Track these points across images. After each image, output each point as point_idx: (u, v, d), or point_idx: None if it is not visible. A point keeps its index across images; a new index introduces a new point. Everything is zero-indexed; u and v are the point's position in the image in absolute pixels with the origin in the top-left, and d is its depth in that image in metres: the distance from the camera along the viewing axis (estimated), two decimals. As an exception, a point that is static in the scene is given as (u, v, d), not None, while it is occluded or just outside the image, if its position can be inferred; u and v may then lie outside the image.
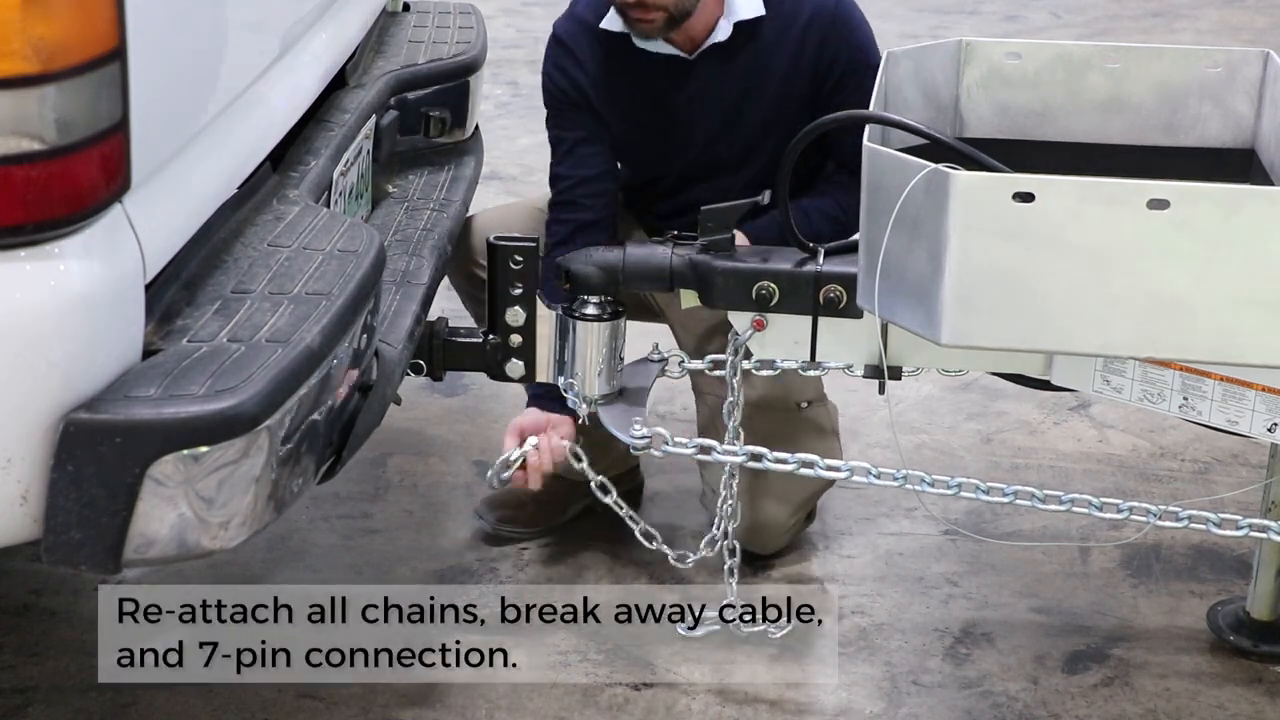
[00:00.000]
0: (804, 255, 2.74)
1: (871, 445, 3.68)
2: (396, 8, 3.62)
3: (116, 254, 1.95)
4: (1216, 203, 2.33)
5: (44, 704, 2.80)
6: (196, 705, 2.81)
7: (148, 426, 1.90)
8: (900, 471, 2.74)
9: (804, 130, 2.67)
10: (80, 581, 3.11)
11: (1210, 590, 3.18)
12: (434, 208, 3.04)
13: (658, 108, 3.12)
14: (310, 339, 2.08)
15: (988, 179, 2.38)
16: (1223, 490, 3.48)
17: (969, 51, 2.93)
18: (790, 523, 3.22)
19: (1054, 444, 3.75)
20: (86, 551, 1.93)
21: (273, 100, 2.54)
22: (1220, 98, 2.88)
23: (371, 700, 2.83)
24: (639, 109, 3.13)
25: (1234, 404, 2.59)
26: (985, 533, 3.35)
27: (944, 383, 3.96)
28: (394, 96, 3.14)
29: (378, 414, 2.46)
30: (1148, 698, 2.88)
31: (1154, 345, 2.43)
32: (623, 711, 2.83)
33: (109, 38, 1.89)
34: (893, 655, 2.99)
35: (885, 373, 2.73)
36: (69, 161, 1.86)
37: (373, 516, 3.41)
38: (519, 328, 2.84)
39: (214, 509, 1.98)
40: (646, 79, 3.10)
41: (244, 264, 2.29)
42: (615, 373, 2.88)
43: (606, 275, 2.80)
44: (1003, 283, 2.38)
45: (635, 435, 2.79)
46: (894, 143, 2.65)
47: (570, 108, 3.15)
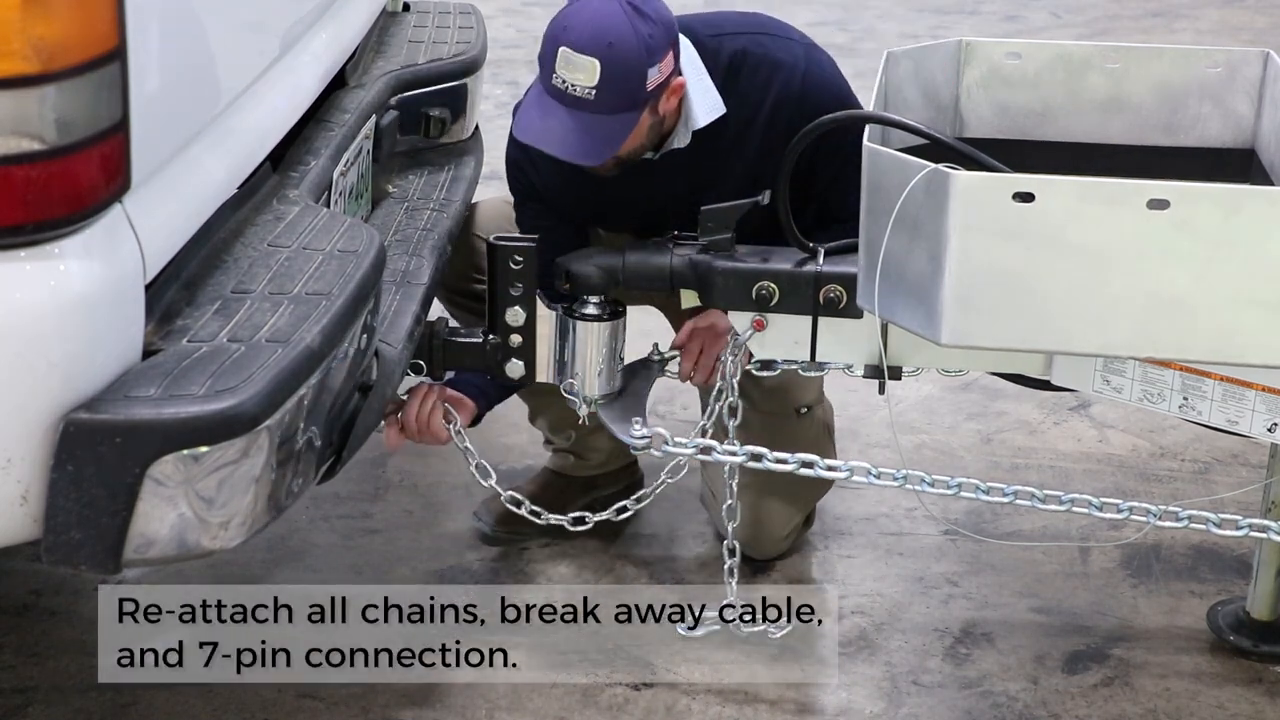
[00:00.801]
0: (804, 255, 2.74)
1: (871, 445, 3.68)
2: (396, 8, 3.62)
3: (116, 254, 1.95)
4: (1216, 203, 2.33)
5: (44, 704, 2.80)
6: (196, 705, 2.81)
7: (148, 426, 1.90)
8: (900, 471, 2.74)
9: (804, 130, 2.67)
10: (80, 581, 3.11)
11: (1210, 590, 3.18)
12: (434, 208, 3.04)
13: (619, 203, 2.99)
14: (310, 339, 2.08)
15: (988, 179, 2.38)
16: (1223, 490, 3.47)
17: (969, 51, 2.93)
18: (790, 528, 3.21)
19: (1054, 444, 3.75)
20: (86, 551, 1.93)
21: (273, 100, 2.54)
22: (1220, 98, 2.89)
23: (371, 700, 2.83)
24: (602, 203, 3.00)
25: (1234, 404, 2.59)
26: (985, 533, 3.35)
27: (944, 383, 3.96)
28: (394, 96, 3.14)
29: (378, 414, 2.46)
30: (1148, 698, 2.88)
31: (1154, 345, 2.43)
32: (623, 711, 2.83)
33: (109, 38, 1.89)
34: (893, 655, 2.99)
35: (885, 373, 2.74)
36: (69, 161, 1.86)
37: (373, 516, 3.41)
38: (519, 328, 2.84)
39: (214, 509, 1.98)
40: (607, 180, 2.90)
41: (244, 264, 2.29)
42: (615, 373, 2.88)
43: (606, 275, 2.80)
44: (1003, 283, 2.38)
45: (635, 435, 2.79)
46: (894, 143, 2.65)
47: (531, 201, 3.04)
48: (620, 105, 2.70)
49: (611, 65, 2.66)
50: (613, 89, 2.68)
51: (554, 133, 2.72)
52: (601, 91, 2.68)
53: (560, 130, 2.72)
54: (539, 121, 2.75)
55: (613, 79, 2.67)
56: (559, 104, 2.72)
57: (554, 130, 2.72)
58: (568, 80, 2.69)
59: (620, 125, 2.72)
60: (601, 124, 2.71)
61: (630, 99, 2.70)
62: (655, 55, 2.70)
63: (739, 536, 2.92)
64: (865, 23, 7.55)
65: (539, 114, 2.75)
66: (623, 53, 2.67)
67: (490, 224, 3.17)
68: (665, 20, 2.75)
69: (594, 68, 2.66)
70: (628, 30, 2.67)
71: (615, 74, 2.67)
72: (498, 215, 3.20)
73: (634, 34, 2.67)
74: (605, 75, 2.66)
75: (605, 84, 2.67)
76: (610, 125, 2.72)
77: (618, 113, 2.71)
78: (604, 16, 2.67)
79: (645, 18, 2.70)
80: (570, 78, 2.68)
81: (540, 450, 3.49)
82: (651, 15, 2.71)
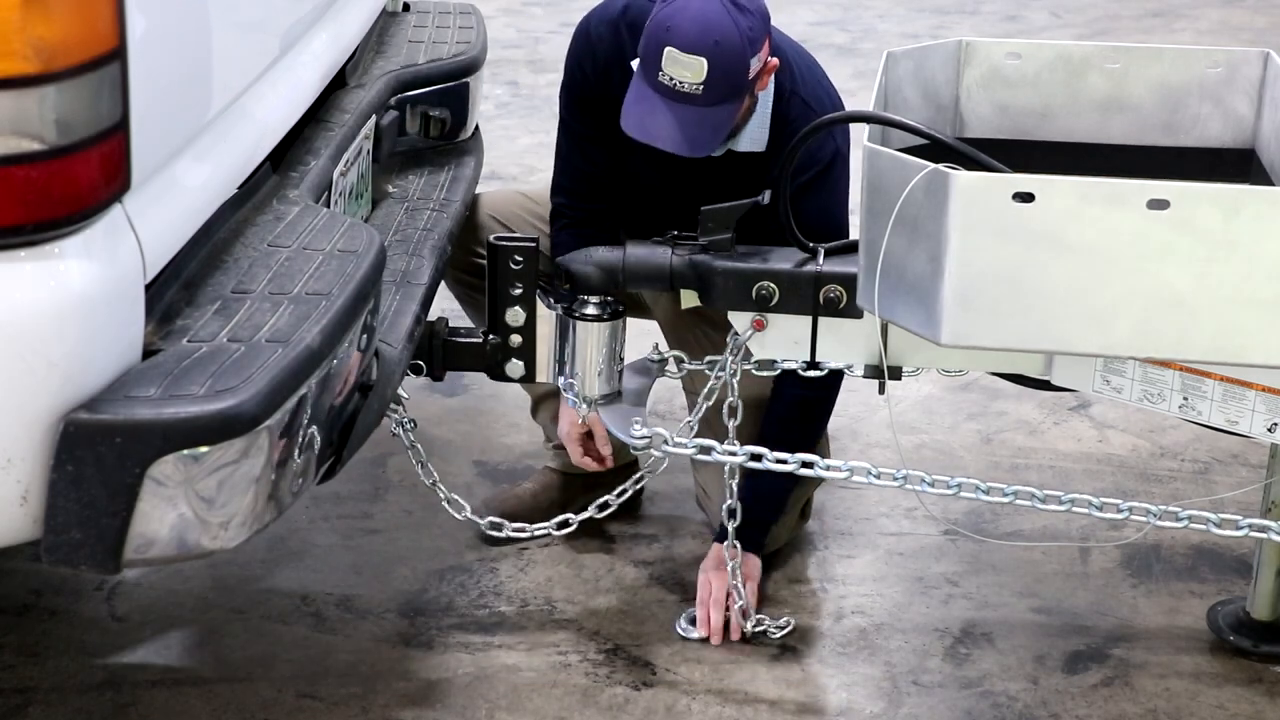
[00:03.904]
0: (804, 255, 2.74)
1: (871, 445, 3.68)
2: (396, 8, 3.62)
3: (116, 254, 1.95)
4: (1216, 203, 2.33)
5: (44, 704, 2.80)
6: (196, 705, 2.81)
7: (148, 426, 1.90)
8: (900, 471, 2.74)
9: (804, 130, 2.67)
10: (80, 581, 3.11)
11: (1210, 590, 3.18)
12: (434, 208, 3.04)
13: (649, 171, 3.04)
14: (310, 339, 2.08)
15: (988, 179, 2.38)
16: (1223, 490, 3.48)
17: (969, 51, 2.93)
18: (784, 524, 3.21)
19: (1054, 444, 3.75)
20: (86, 551, 1.93)
21: (273, 100, 2.54)
22: (1220, 98, 2.89)
23: (371, 700, 2.83)
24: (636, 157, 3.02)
25: (1234, 404, 2.59)
26: (985, 533, 3.35)
27: (944, 383, 3.96)
28: (394, 96, 3.14)
29: (378, 414, 2.46)
30: (1148, 698, 2.88)
31: (1154, 345, 2.43)
32: (623, 711, 2.83)
33: (109, 38, 1.89)
34: (893, 655, 2.99)
35: (885, 373, 2.74)
36: (69, 161, 1.86)
37: (373, 516, 3.41)
38: (519, 328, 2.85)
39: (214, 509, 1.98)
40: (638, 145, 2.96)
41: (244, 264, 2.29)
42: (615, 373, 2.89)
43: (606, 275, 2.80)
44: (1003, 283, 2.38)
45: (635, 435, 2.79)
46: (894, 143, 2.65)
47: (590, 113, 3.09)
48: (725, 97, 2.80)
49: (718, 62, 2.76)
50: (720, 83, 2.77)
51: (664, 128, 2.81)
52: (709, 87, 2.77)
53: (669, 126, 2.81)
54: (646, 117, 2.83)
55: (719, 74, 2.76)
56: (664, 99, 2.80)
57: (664, 126, 2.81)
58: (675, 78, 2.77)
59: (726, 115, 2.82)
60: (710, 116, 2.80)
61: (734, 90, 2.80)
62: (755, 45, 2.80)
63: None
64: (865, 23, 7.55)
65: (645, 109, 2.83)
66: (728, 49, 2.76)
67: (500, 205, 3.27)
68: (761, 10, 2.85)
69: (702, 66, 2.75)
70: (730, 27, 2.75)
71: (722, 69, 2.76)
72: (509, 202, 3.29)
73: (736, 30, 2.76)
74: (713, 72, 2.76)
75: (713, 80, 2.76)
76: (718, 116, 2.81)
77: (723, 103, 2.80)
78: (707, 15, 2.76)
79: (744, 10, 2.79)
80: (678, 75, 2.77)
81: (541, 450, 3.50)
82: (749, 7, 2.80)
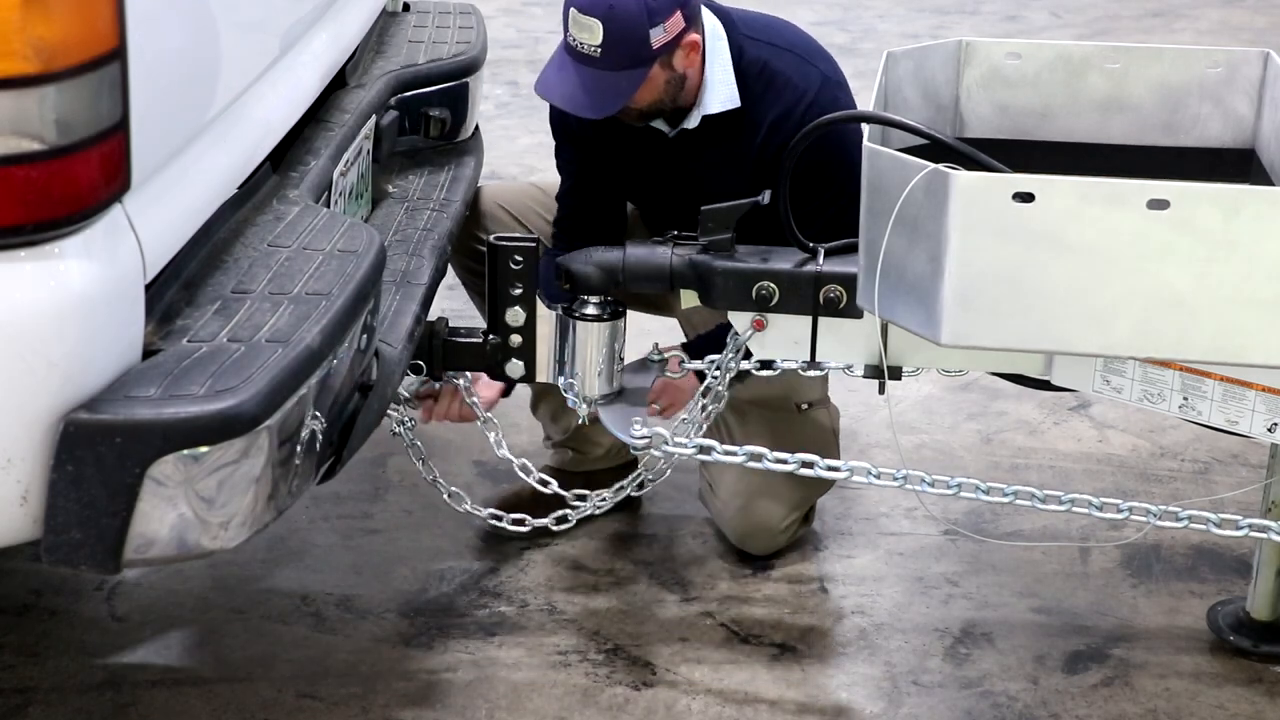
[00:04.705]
0: (804, 255, 2.74)
1: (871, 445, 3.68)
2: (396, 8, 3.62)
3: (116, 254, 1.95)
4: (1216, 203, 2.33)
5: (44, 704, 2.80)
6: (196, 705, 2.81)
7: (148, 426, 1.90)
8: (900, 471, 2.74)
9: (804, 130, 2.67)
10: (80, 581, 3.11)
11: (1210, 590, 3.18)
12: (434, 208, 3.04)
13: (640, 171, 3.11)
14: (310, 339, 2.08)
15: (988, 179, 2.38)
16: (1223, 490, 3.48)
17: (969, 51, 2.93)
18: (785, 525, 3.21)
19: (1054, 444, 3.75)
20: (86, 551, 1.93)
21: (273, 100, 2.54)
22: (1220, 98, 2.89)
23: (371, 700, 2.83)
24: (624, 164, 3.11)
25: (1234, 404, 2.59)
26: (985, 533, 3.35)
27: (944, 383, 3.96)
28: (394, 96, 3.14)
29: (378, 414, 2.46)
30: (1148, 698, 2.88)
31: (1154, 345, 2.43)
32: (623, 711, 2.83)
33: (109, 38, 1.89)
34: (893, 655, 2.99)
35: (885, 373, 2.73)
36: (69, 161, 1.86)
37: (373, 516, 3.41)
38: (519, 328, 2.85)
39: (214, 509, 1.98)
40: (632, 141, 3.06)
41: (244, 264, 2.29)
42: (615, 373, 2.89)
43: (606, 275, 2.80)
44: (1003, 283, 2.38)
45: (635, 435, 2.79)
46: (894, 143, 2.65)
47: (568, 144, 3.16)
48: (626, 62, 2.84)
49: (613, 26, 2.82)
50: (617, 48, 2.82)
51: (565, 87, 2.89)
52: (606, 50, 2.82)
53: (569, 86, 2.88)
54: (554, 76, 2.91)
55: (615, 38, 2.82)
56: (573, 60, 2.88)
57: (565, 84, 2.89)
58: (577, 39, 2.84)
59: (627, 81, 2.86)
60: (608, 79, 2.86)
61: (634, 57, 2.84)
62: (657, 16, 2.83)
63: (734, 533, 2.93)
64: (865, 23, 7.55)
65: (555, 69, 2.92)
66: (622, 14, 2.81)
67: (512, 197, 3.32)
68: None
69: (597, 28, 2.81)
70: None
71: (617, 34, 2.81)
72: (521, 194, 3.34)
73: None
74: (608, 35, 2.81)
75: (609, 43, 2.82)
76: (618, 81, 2.86)
77: (624, 69, 2.84)
78: None
79: None
80: (579, 36, 2.84)
81: (541, 450, 3.50)
82: None
